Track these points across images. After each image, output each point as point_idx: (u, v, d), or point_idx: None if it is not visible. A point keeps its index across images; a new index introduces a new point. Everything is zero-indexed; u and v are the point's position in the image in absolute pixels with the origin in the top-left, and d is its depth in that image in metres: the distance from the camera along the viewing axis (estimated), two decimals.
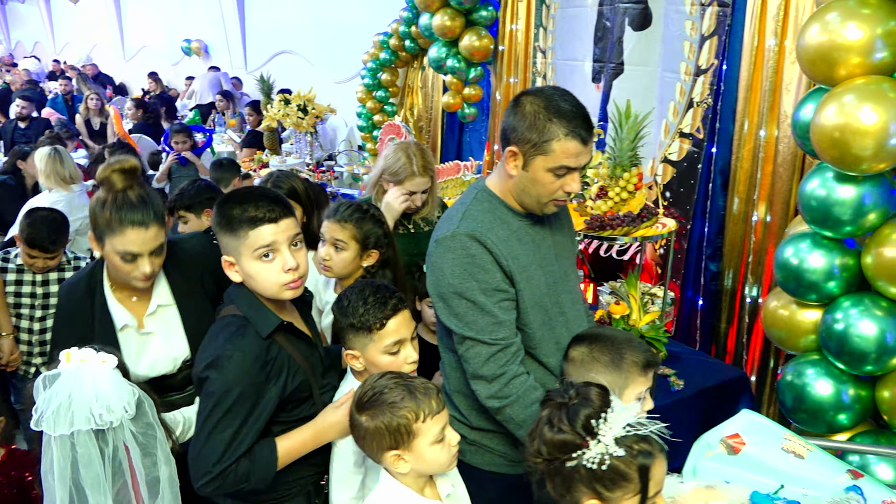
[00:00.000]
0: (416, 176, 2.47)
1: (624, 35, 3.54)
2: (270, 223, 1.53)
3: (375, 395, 1.48)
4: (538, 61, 4.30)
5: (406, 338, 1.69)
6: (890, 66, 1.99)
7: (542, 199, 1.65)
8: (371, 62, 5.88)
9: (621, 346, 1.63)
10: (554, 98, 1.57)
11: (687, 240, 3.27)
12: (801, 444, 1.76)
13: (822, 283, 2.20)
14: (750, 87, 2.88)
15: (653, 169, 3.47)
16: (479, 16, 4.61)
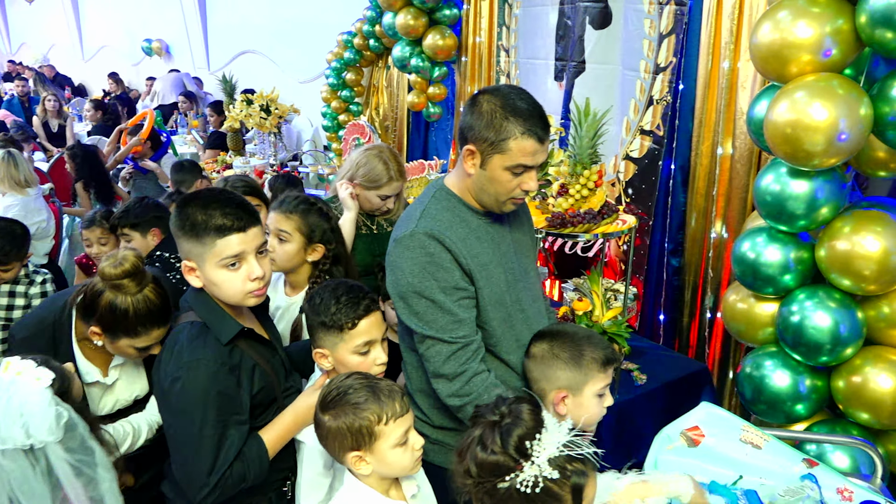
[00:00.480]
0: (393, 181, 2.47)
1: (585, 33, 3.57)
2: (238, 232, 1.51)
3: (339, 394, 1.47)
4: (502, 60, 4.32)
5: (377, 339, 1.68)
6: (839, 64, 2.04)
7: (501, 197, 1.66)
8: (335, 62, 5.85)
9: (581, 342, 1.64)
10: (511, 97, 1.58)
11: (649, 236, 3.31)
12: (758, 435, 1.79)
13: (779, 276, 2.25)
14: (707, 85, 2.93)
15: (615, 166, 3.51)
16: (442, 15, 4.61)
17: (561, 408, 1.66)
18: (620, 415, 2.38)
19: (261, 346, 1.63)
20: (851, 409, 2.17)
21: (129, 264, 1.72)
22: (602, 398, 1.68)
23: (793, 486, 1.64)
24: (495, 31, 4.33)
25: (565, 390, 1.65)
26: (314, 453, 1.67)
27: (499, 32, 4.30)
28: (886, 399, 2.07)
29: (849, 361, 2.17)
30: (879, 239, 2.03)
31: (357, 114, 5.99)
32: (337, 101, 5.96)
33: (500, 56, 4.32)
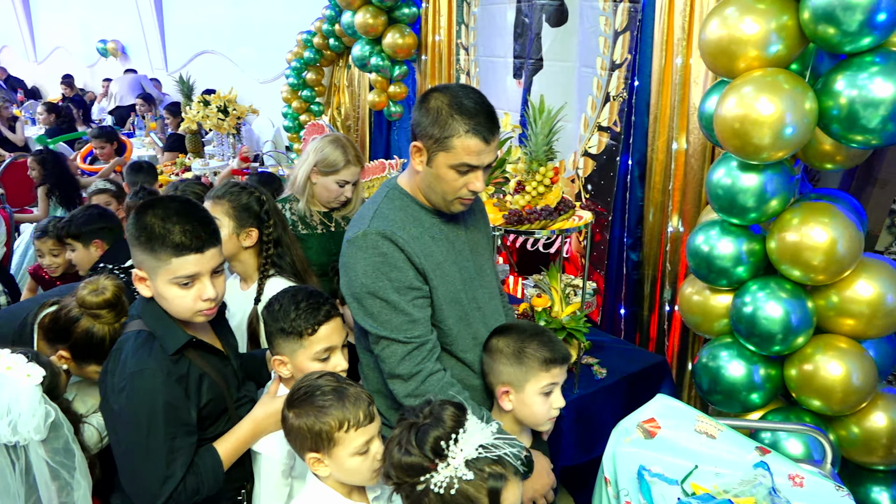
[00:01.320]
0: (351, 165, 2.49)
1: (542, 31, 3.59)
2: (195, 253, 1.47)
3: (307, 393, 1.46)
4: (461, 58, 4.32)
5: (337, 345, 1.67)
6: (785, 59, 2.08)
7: (447, 196, 1.65)
8: (295, 61, 5.80)
9: (526, 339, 1.66)
10: (459, 95, 1.58)
11: (609, 231, 3.34)
12: (712, 425, 1.82)
13: (732, 268, 2.29)
14: (661, 81, 2.97)
15: (574, 162, 3.53)
16: (401, 13, 4.60)
17: (505, 403, 1.68)
18: (581, 409, 2.40)
19: (211, 356, 1.60)
20: (804, 396, 2.22)
21: (110, 293, 1.72)
22: (549, 397, 1.68)
23: (746, 476, 1.67)
24: (454, 30, 4.34)
25: (507, 386, 1.67)
26: (271, 463, 1.65)
27: (458, 30, 4.31)
28: (836, 386, 2.12)
29: (800, 350, 2.22)
30: (827, 230, 2.07)
31: (318, 113, 5.94)
32: (298, 101, 5.91)
33: (460, 54, 4.33)
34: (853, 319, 2.15)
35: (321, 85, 5.92)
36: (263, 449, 1.63)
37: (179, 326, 1.53)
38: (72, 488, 1.45)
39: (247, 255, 2.10)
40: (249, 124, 6.66)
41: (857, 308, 2.13)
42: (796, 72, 2.18)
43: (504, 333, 1.70)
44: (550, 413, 1.72)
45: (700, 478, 1.73)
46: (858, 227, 2.12)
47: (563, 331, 2.32)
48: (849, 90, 1.93)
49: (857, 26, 1.86)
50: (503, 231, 2.22)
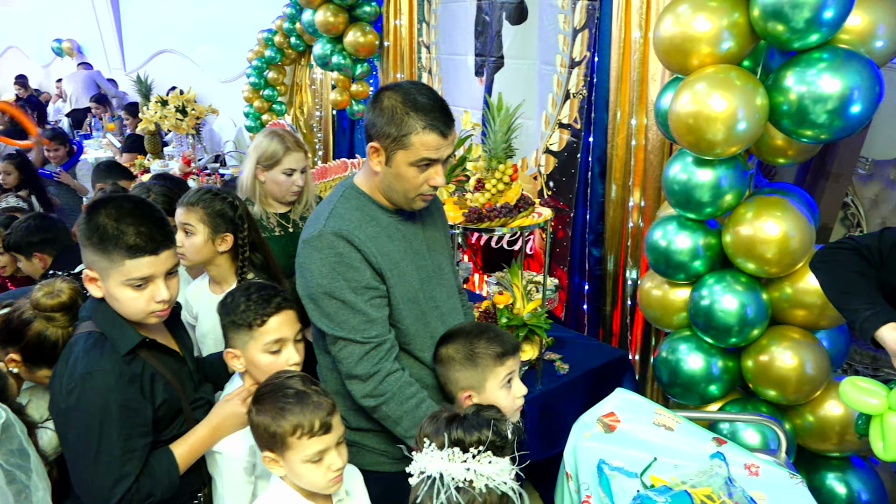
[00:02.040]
0: (291, 151, 2.48)
1: (502, 29, 3.60)
2: (150, 255, 1.44)
3: (272, 391, 1.46)
4: (423, 56, 4.31)
5: (288, 337, 1.65)
6: (736, 56, 2.11)
7: (409, 193, 1.65)
8: (256, 60, 5.73)
9: (473, 340, 1.66)
10: (411, 92, 1.57)
11: (571, 227, 3.37)
12: (670, 418, 1.85)
13: (689, 262, 2.32)
14: (620, 78, 3.00)
15: (536, 160, 3.55)
16: (362, 11, 4.57)
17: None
18: (544, 405, 2.42)
19: (165, 357, 1.57)
20: (760, 387, 2.26)
21: (66, 296, 1.68)
22: (510, 388, 1.69)
23: (703, 466, 1.69)
24: (415, 28, 4.32)
25: (468, 390, 1.66)
26: (232, 462, 1.63)
27: (419, 29, 4.30)
28: (791, 376, 2.17)
29: (756, 342, 2.27)
30: (779, 223, 2.12)
31: (281, 113, 5.88)
32: (259, 100, 5.84)
33: (422, 52, 4.32)
34: (806, 311, 2.20)
35: (283, 84, 5.86)
36: (224, 447, 1.61)
37: (132, 327, 1.50)
38: (30, 491, 1.41)
39: (222, 260, 2.10)
40: (210, 124, 6.56)
41: (809, 299, 2.18)
42: (748, 68, 2.22)
43: (450, 340, 1.69)
44: (516, 403, 1.73)
45: (659, 470, 1.74)
46: (810, 220, 2.16)
47: (524, 327, 2.33)
48: (798, 86, 1.97)
49: (805, 23, 1.90)
50: (462, 229, 2.22)
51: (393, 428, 1.63)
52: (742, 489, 1.63)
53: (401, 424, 1.62)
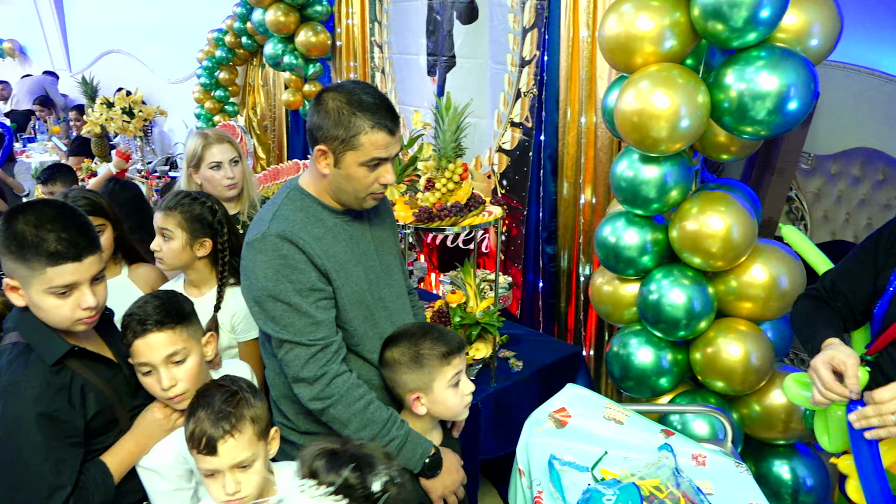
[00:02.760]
0: (212, 144, 2.46)
1: (453, 28, 3.61)
2: (73, 262, 1.39)
3: (196, 400, 1.44)
4: (375, 56, 4.29)
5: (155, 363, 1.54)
6: (679, 54, 2.15)
7: (360, 193, 1.64)
8: (207, 60, 5.63)
9: (418, 342, 1.65)
10: (355, 92, 1.57)
11: (525, 225, 3.39)
12: (620, 411, 1.87)
13: (637, 258, 2.36)
14: (569, 77, 3.03)
15: (490, 158, 3.57)
16: (313, 11, 4.53)
17: (419, 409, 1.67)
18: (498, 402, 2.43)
19: (98, 366, 1.52)
20: (708, 378, 2.31)
21: None
22: (458, 386, 1.69)
23: (651, 459, 1.72)
24: (367, 27, 4.30)
25: (416, 392, 1.66)
26: (152, 477, 1.58)
27: (371, 28, 4.28)
28: (737, 367, 2.22)
29: (703, 334, 2.31)
30: (723, 218, 2.16)
31: (233, 114, 5.79)
32: (211, 101, 5.74)
33: (374, 52, 4.30)
34: (751, 303, 2.25)
35: (235, 84, 5.76)
36: (148, 460, 1.56)
37: (59, 335, 1.45)
38: None
39: (201, 265, 2.09)
40: (161, 126, 6.43)
41: (753, 292, 2.23)
42: (691, 66, 2.26)
43: (395, 343, 1.68)
44: (465, 400, 1.73)
45: (609, 463, 1.77)
46: (752, 214, 2.22)
47: (476, 326, 2.33)
48: (738, 84, 2.01)
49: (743, 22, 1.95)
50: (412, 229, 2.21)
51: (341, 430, 1.62)
52: (689, 479, 1.67)
53: (349, 427, 1.61)
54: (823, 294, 1.75)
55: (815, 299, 1.77)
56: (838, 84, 3.80)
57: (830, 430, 1.57)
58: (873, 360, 1.58)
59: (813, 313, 1.72)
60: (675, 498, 1.62)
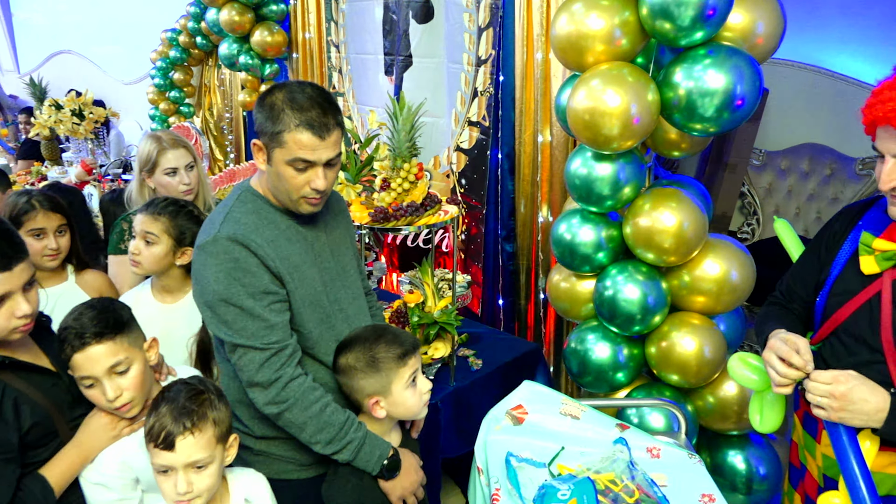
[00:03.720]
0: (167, 150, 2.42)
1: (409, 28, 3.60)
2: (3, 272, 1.35)
3: (161, 396, 1.43)
4: (332, 56, 4.26)
5: (97, 375, 1.49)
6: (629, 53, 2.18)
7: (292, 195, 1.60)
8: (160, 61, 5.53)
9: (372, 345, 1.64)
10: (294, 89, 1.54)
11: (484, 224, 3.40)
12: (576, 407, 1.89)
13: (593, 254, 2.38)
14: (525, 76, 3.05)
15: (448, 157, 3.57)
16: (269, 10, 4.49)
17: (378, 412, 1.66)
18: (458, 401, 2.43)
19: (35, 376, 1.47)
20: (663, 372, 2.34)
21: None
22: (415, 386, 1.69)
23: (606, 452, 1.74)
24: (324, 27, 4.27)
25: (375, 396, 1.65)
26: (109, 480, 1.54)
27: (327, 28, 4.24)
28: (691, 360, 2.26)
29: (658, 329, 2.35)
30: (675, 214, 2.20)
31: (189, 115, 5.69)
32: (165, 102, 5.64)
33: (331, 52, 4.27)
34: (703, 297, 2.29)
35: (190, 85, 5.67)
36: (88, 472, 1.52)
37: None
38: None
39: (177, 272, 2.08)
40: (117, 128, 6.28)
41: (706, 286, 2.27)
42: (641, 65, 2.29)
43: (349, 349, 1.66)
44: (423, 399, 1.73)
45: (566, 458, 1.78)
46: (703, 209, 2.26)
47: (435, 325, 2.33)
48: (686, 81, 2.04)
49: (690, 21, 1.98)
50: (368, 229, 2.20)
51: (298, 434, 1.60)
52: (643, 472, 1.69)
53: (305, 431, 1.59)
54: (780, 298, 1.79)
55: (775, 305, 1.81)
56: (787, 81, 3.91)
57: (763, 411, 1.60)
58: (816, 349, 1.62)
59: (770, 316, 1.76)
60: (629, 491, 1.64)
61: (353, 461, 1.62)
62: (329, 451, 1.61)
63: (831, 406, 1.39)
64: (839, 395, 1.38)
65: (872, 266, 1.49)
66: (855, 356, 1.51)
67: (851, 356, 1.52)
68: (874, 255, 1.48)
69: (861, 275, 1.51)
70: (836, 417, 1.40)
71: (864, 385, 1.38)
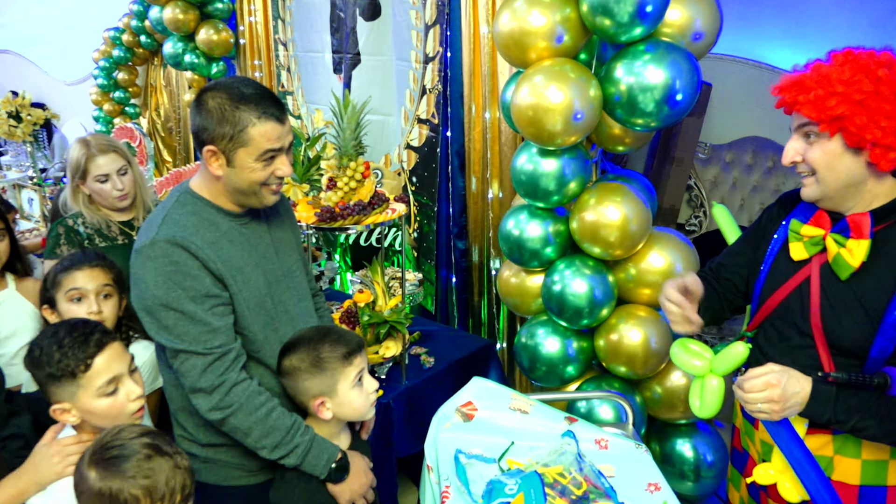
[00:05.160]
0: (95, 156, 2.35)
1: (357, 25, 3.57)
2: None
3: (117, 452, 1.29)
4: (280, 54, 4.20)
5: (122, 373, 1.48)
6: (571, 49, 2.20)
7: (256, 188, 1.59)
8: (104, 60, 5.37)
9: (317, 346, 1.62)
10: (235, 87, 1.52)
11: (436, 221, 3.40)
12: (525, 401, 1.90)
13: (541, 249, 2.40)
14: (472, 73, 3.05)
15: (399, 156, 3.56)
16: (214, 8, 4.40)
17: (325, 413, 1.64)
18: (411, 400, 2.42)
19: None
20: (612, 364, 2.38)
21: None
22: (362, 385, 1.67)
23: (554, 446, 1.75)
24: (271, 25, 4.20)
25: (321, 397, 1.63)
26: None
27: (275, 26, 4.18)
28: (638, 352, 2.30)
29: (606, 321, 2.38)
30: (619, 208, 2.23)
31: (135, 116, 5.55)
32: (110, 103, 5.48)
33: (279, 50, 4.20)
34: (649, 289, 2.33)
35: (136, 85, 5.52)
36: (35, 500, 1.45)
37: None
38: None
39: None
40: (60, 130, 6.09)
41: (651, 278, 2.31)
42: (584, 61, 2.32)
43: (293, 350, 1.64)
44: (370, 399, 1.71)
45: (516, 453, 1.79)
46: (647, 203, 2.29)
47: (385, 324, 2.32)
48: (627, 77, 2.07)
49: (629, 17, 2.01)
50: (314, 229, 2.17)
51: (243, 440, 1.57)
52: (591, 464, 1.71)
53: (250, 436, 1.56)
54: (708, 275, 1.83)
55: (702, 279, 1.84)
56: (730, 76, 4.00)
57: (704, 397, 1.63)
58: (753, 335, 1.66)
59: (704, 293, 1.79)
60: (577, 482, 1.66)
61: (300, 465, 1.60)
62: (275, 455, 1.58)
63: (773, 409, 1.41)
64: (777, 397, 1.40)
65: (801, 252, 1.52)
66: (787, 341, 1.55)
67: (783, 341, 1.56)
68: (803, 242, 1.52)
69: (791, 261, 1.55)
70: (777, 417, 1.42)
71: (791, 378, 1.41)
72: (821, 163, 1.43)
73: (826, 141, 1.42)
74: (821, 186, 1.46)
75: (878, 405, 1.38)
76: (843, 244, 1.44)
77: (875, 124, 1.34)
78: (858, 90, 1.35)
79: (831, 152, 1.42)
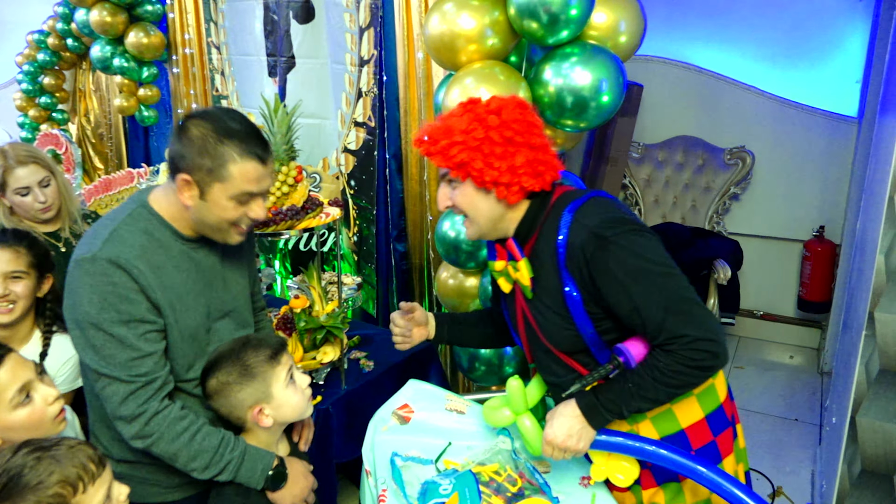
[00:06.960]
0: (12, 169, 2.26)
1: (291, 28, 3.54)
2: None
3: (12, 480, 1.20)
4: (214, 57, 4.12)
5: (31, 378, 1.44)
6: (501, 52, 2.23)
7: (222, 226, 1.53)
8: (28, 64, 5.17)
9: (241, 355, 1.58)
10: (222, 119, 1.46)
11: (375, 224, 3.39)
12: (461, 402, 1.91)
13: (476, 250, 2.42)
14: (407, 76, 3.05)
15: (337, 159, 3.53)
16: (143, 11, 4.28)
17: (265, 420, 1.61)
18: (350, 404, 2.40)
19: None
20: None
21: None
22: (295, 383, 1.65)
23: (490, 444, 1.77)
24: (203, 28, 4.12)
25: (258, 404, 1.60)
26: None
27: (207, 29, 4.10)
28: None
29: None
30: None
31: (63, 122, 5.36)
32: (35, 108, 5.28)
33: (213, 53, 4.13)
34: None
35: (63, 90, 5.34)
36: None
37: None
38: None
39: None
40: None
41: None
42: (515, 63, 2.35)
43: (216, 368, 1.59)
44: (306, 395, 1.69)
45: (453, 454, 1.80)
46: None
47: (321, 330, 2.30)
48: (555, 79, 2.12)
49: (555, 20, 2.05)
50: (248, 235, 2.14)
51: (172, 463, 1.52)
52: (526, 460, 1.73)
53: (178, 460, 1.51)
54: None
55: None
56: (660, 77, 4.12)
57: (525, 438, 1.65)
58: (534, 365, 1.77)
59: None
60: (512, 480, 1.68)
61: (235, 479, 1.57)
62: (208, 475, 1.54)
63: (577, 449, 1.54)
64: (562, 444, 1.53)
65: (506, 285, 1.67)
66: (545, 359, 1.68)
67: (544, 361, 1.69)
68: (501, 277, 1.66)
69: (508, 295, 1.71)
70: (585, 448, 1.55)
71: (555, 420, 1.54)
72: (465, 205, 1.56)
73: (463, 185, 1.54)
74: (475, 226, 1.59)
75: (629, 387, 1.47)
76: (517, 268, 1.58)
77: (490, 167, 1.48)
78: (474, 137, 1.47)
79: (469, 195, 1.54)
